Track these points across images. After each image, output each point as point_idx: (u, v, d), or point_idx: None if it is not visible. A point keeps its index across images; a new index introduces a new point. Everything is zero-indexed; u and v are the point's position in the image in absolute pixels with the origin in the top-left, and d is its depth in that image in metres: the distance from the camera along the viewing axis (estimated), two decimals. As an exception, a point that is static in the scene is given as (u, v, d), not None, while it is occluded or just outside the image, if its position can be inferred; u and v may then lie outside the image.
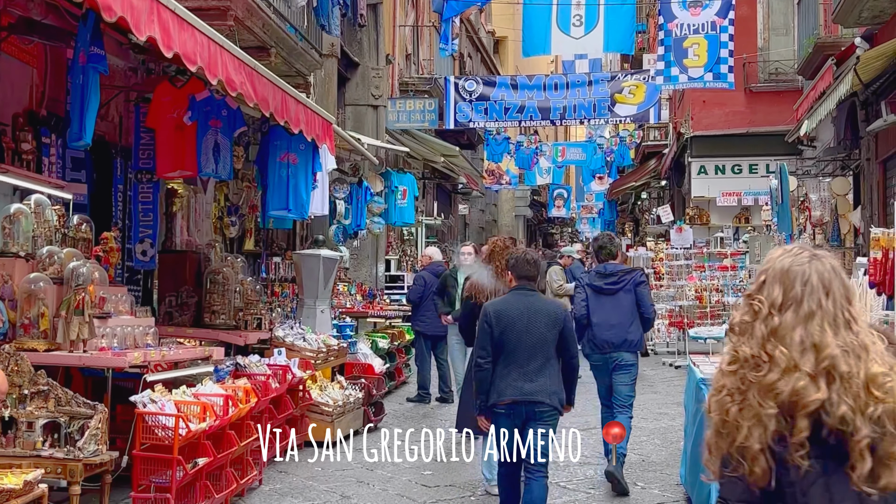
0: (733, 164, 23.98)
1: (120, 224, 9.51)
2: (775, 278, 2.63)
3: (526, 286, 6.59)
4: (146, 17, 6.00)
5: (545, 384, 6.32)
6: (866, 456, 2.41)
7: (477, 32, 34.63)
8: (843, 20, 14.99)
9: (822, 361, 2.48)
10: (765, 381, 2.51)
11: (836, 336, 2.52)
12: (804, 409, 2.45)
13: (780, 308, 2.58)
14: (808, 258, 2.64)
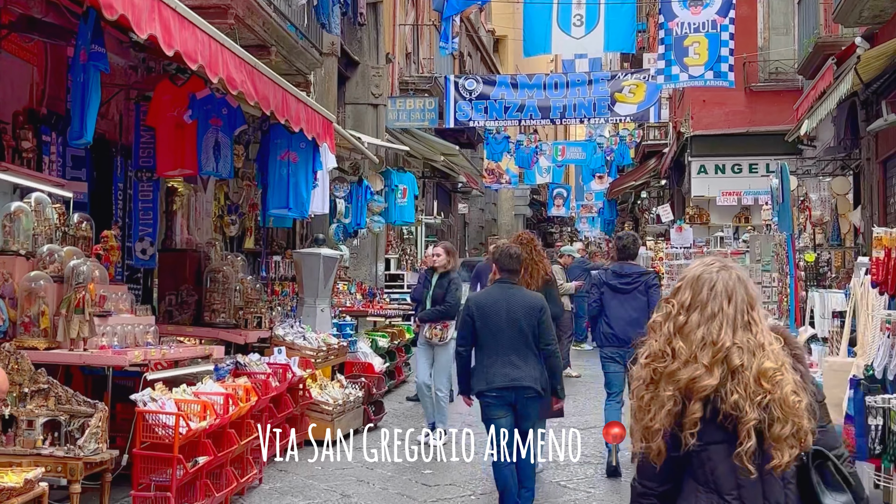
0: (733, 164, 23.94)
1: (120, 222, 9.50)
2: (687, 284, 3.08)
3: (508, 279, 7.10)
4: (147, 15, 6.00)
5: (529, 371, 6.81)
6: (752, 436, 2.84)
7: (477, 31, 34.62)
8: (843, 20, 14.97)
9: (717, 355, 2.92)
10: (668, 371, 2.95)
11: (735, 335, 2.95)
12: (698, 394, 2.89)
13: (687, 309, 3.02)
14: (717, 268, 3.07)
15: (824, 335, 8.63)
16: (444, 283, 10.17)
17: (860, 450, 5.43)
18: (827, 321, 8.47)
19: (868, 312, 5.94)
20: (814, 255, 15.63)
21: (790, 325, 11.06)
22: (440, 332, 10.06)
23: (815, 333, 9.10)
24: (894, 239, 5.16)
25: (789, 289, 11.76)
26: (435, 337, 10.09)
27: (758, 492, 2.92)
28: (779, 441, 2.88)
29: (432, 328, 10.09)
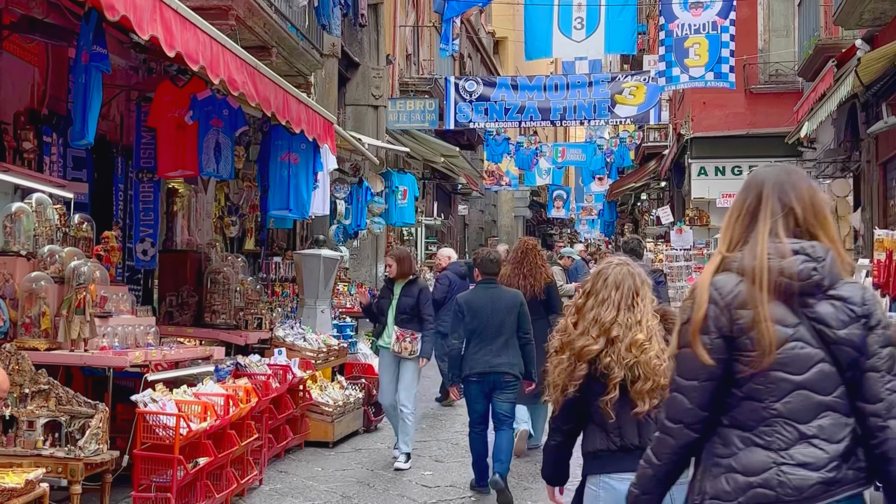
0: (733, 166, 23.93)
1: (121, 223, 9.51)
2: (591, 277, 4.08)
3: (490, 280, 8.29)
4: (149, 16, 6.00)
5: (507, 358, 7.89)
6: (616, 389, 3.84)
7: (477, 33, 34.64)
8: (843, 22, 14.97)
9: (602, 328, 3.89)
10: (567, 341, 3.94)
11: (618, 315, 3.91)
12: (584, 357, 3.89)
13: (587, 295, 4.00)
14: (615, 265, 4.05)
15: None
16: (413, 292, 9.22)
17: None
18: None
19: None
20: (814, 257, 15.62)
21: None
22: (410, 344, 9.12)
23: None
24: (895, 241, 5.17)
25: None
26: (405, 351, 9.12)
27: (634, 430, 3.89)
28: (640, 394, 3.85)
29: (402, 342, 9.11)
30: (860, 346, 2.73)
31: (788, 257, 2.74)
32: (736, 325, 2.74)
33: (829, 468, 2.69)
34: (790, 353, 2.72)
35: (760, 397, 2.74)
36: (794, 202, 2.82)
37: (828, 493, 2.68)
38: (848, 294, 2.75)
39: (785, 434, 2.71)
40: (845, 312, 2.73)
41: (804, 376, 2.72)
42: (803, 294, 2.75)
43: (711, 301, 2.77)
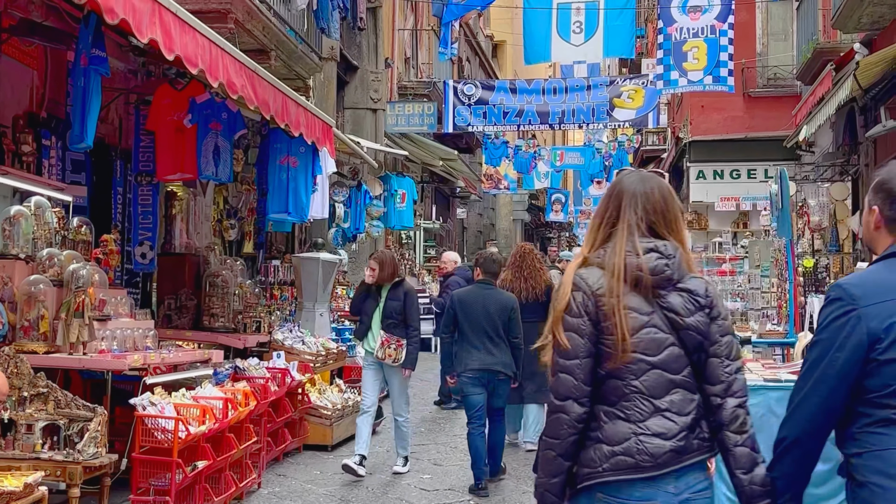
0: (732, 169, 23.97)
1: (119, 226, 9.51)
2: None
3: (488, 280, 8.62)
4: (148, 20, 6.01)
5: (500, 357, 8.28)
6: None
7: (475, 36, 34.65)
8: (842, 25, 14.99)
9: None
10: None
11: None
12: None
13: None
14: None
15: (823, 341, 8.61)
16: (400, 296, 8.91)
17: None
18: None
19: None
20: (812, 261, 15.64)
21: (789, 330, 11.07)
22: (395, 352, 8.77)
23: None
24: (894, 245, 5.16)
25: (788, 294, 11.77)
26: (389, 358, 8.75)
27: None
28: None
29: (387, 348, 8.75)
30: (705, 332, 3.13)
31: (643, 255, 3.12)
32: (600, 311, 3.10)
33: (679, 437, 3.06)
34: (645, 337, 3.09)
35: (622, 376, 3.09)
36: (648, 208, 3.19)
37: (677, 460, 3.06)
38: (694, 287, 3.16)
39: (642, 408, 3.08)
40: (692, 302, 3.14)
41: (658, 357, 3.09)
42: (656, 286, 3.12)
43: (579, 289, 3.13)
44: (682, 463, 3.06)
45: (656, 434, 3.05)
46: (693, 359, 3.14)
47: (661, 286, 3.13)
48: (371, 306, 8.99)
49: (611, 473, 3.04)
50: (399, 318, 8.85)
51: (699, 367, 3.15)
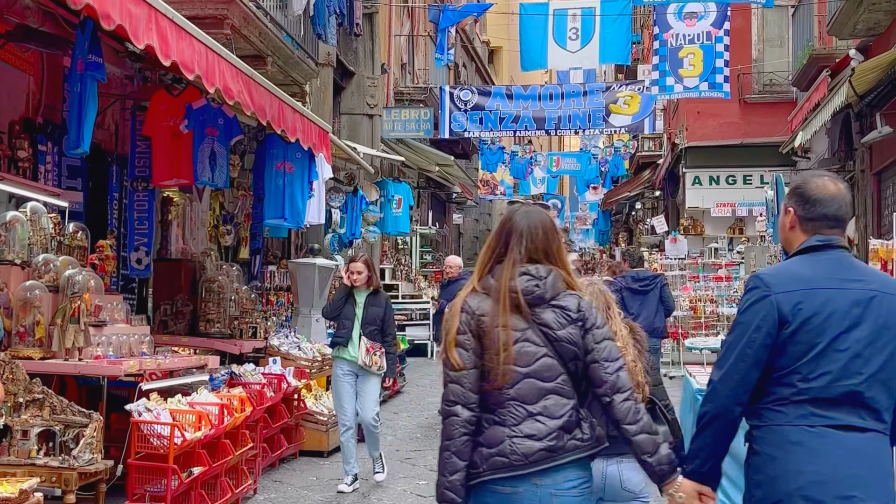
0: (728, 175, 24.01)
1: (115, 232, 9.50)
2: None
3: None
4: (144, 26, 6.01)
5: None
6: None
7: (472, 42, 34.69)
8: (837, 32, 15.03)
9: None
10: None
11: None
12: None
13: None
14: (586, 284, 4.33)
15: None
16: (381, 302, 8.68)
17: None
18: None
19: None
20: (808, 267, 15.64)
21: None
22: (380, 359, 8.57)
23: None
24: (890, 251, 5.18)
25: (784, 300, 11.79)
26: (375, 365, 8.54)
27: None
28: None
29: (372, 355, 8.50)
30: (577, 343, 3.52)
31: (517, 278, 3.56)
32: (481, 329, 3.51)
33: (550, 438, 3.44)
34: (519, 350, 3.49)
35: (505, 391, 3.48)
36: (531, 247, 3.64)
37: (550, 458, 3.44)
38: (566, 303, 3.56)
39: (516, 413, 3.47)
40: (563, 317, 3.54)
41: (530, 368, 3.48)
42: (531, 305, 3.53)
43: (465, 312, 3.57)
44: (556, 461, 3.44)
45: (527, 436, 3.44)
46: (570, 367, 3.53)
47: (534, 304, 3.55)
48: (351, 311, 8.63)
49: (489, 473, 3.44)
50: (379, 326, 8.59)
51: (581, 374, 3.54)
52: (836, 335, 3.25)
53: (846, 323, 3.26)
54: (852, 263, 3.42)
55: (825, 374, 3.23)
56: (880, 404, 3.26)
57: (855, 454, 3.20)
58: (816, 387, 3.24)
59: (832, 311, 3.27)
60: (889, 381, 3.28)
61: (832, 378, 3.23)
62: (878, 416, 3.26)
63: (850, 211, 3.48)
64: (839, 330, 3.26)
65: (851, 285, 3.32)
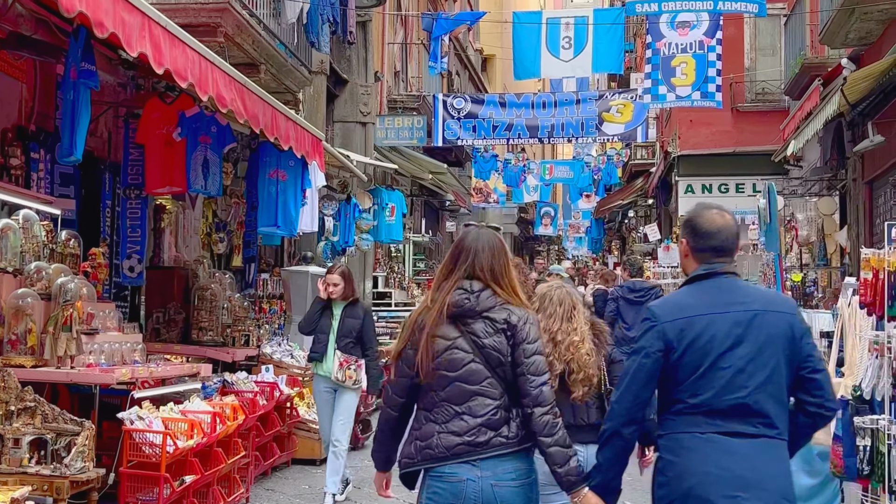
0: (720, 184, 24.04)
1: (108, 240, 9.48)
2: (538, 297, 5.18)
3: None
4: (138, 34, 6.01)
5: None
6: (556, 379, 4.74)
7: (465, 50, 34.74)
8: (829, 41, 15.07)
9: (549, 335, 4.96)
10: None
11: (561, 325, 5.05)
12: None
13: (538, 311, 4.97)
14: (556, 287, 5.29)
15: (812, 355, 8.65)
16: (359, 314, 8.41)
17: (849, 470, 5.44)
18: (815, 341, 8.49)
19: (856, 333, 5.96)
20: (800, 275, 15.69)
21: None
22: (355, 373, 8.28)
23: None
24: (882, 260, 5.19)
25: (776, 308, 11.80)
26: (349, 379, 8.25)
27: (570, 412, 4.84)
28: (575, 383, 4.93)
29: (346, 369, 8.21)
30: (503, 351, 3.95)
31: (454, 292, 4.02)
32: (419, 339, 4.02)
33: (470, 434, 3.91)
34: (448, 357, 3.96)
35: (433, 388, 3.98)
36: (475, 261, 4.08)
37: (472, 452, 3.90)
38: (495, 315, 3.99)
39: (446, 412, 3.96)
40: (491, 327, 3.98)
41: (458, 372, 3.95)
42: (463, 316, 4.00)
43: (411, 326, 4.09)
44: (479, 455, 3.90)
45: (451, 432, 3.93)
46: (498, 372, 3.97)
47: (466, 315, 4.00)
48: (327, 324, 8.38)
49: (421, 462, 3.99)
50: (356, 339, 8.32)
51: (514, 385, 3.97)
52: (719, 354, 3.65)
53: (728, 343, 3.66)
54: (736, 287, 3.82)
55: (711, 389, 3.64)
56: (770, 412, 3.63)
57: (743, 458, 3.59)
58: (706, 401, 3.65)
59: (714, 333, 3.67)
60: (777, 391, 3.66)
61: (719, 392, 3.63)
62: (768, 424, 3.63)
63: (736, 241, 3.95)
64: (721, 350, 3.65)
65: (732, 308, 3.71)
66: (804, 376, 3.73)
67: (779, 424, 3.66)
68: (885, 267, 5.14)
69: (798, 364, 3.72)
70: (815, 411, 3.75)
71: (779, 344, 3.69)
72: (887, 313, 5.23)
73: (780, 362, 3.68)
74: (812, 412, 3.75)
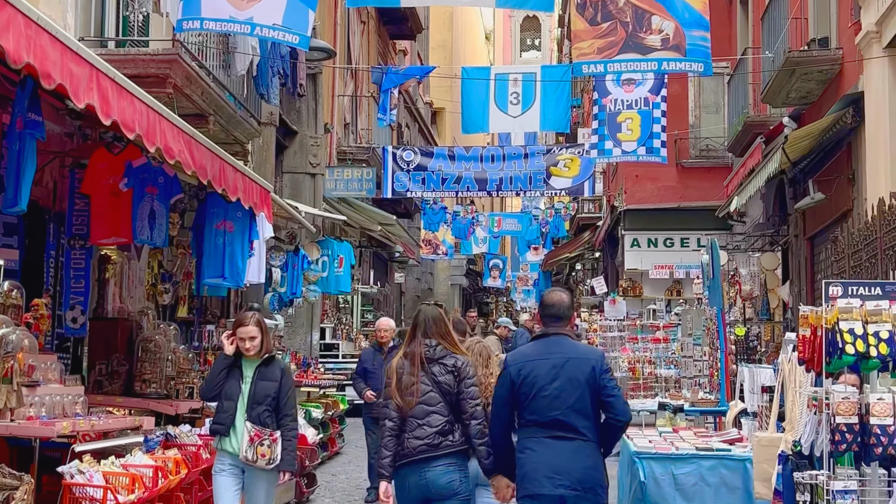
0: (665, 238, 24.36)
1: (51, 290, 9.36)
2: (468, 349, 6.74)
3: None
4: (85, 85, 6.00)
5: None
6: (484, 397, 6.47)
7: (415, 103, 34.98)
8: (771, 100, 15.43)
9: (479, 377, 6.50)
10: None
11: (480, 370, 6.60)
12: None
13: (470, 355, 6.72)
14: (476, 342, 7.09)
15: (754, 410, 8.76)
16: (275, 375, 6.90)
17: (789, 525, 5.50)
18: (756, 396, 8.61)
19: (796, 389, 6.05)
20: (744, 329, 15.88)
21: (721, 398, 11.19)
22: (269, 450, 6.74)
23: (744, 408, 9.23)
24: (820, 317, 5.30)
25: (720, 363, 11.93)
26: (262, 459, 6.72)
27: None
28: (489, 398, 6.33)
29: (257, 446, 6.67)
30: (452, 385, 6.17)
31: (420, 345, 6.28)
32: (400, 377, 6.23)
33: (427, 438, 6.06)
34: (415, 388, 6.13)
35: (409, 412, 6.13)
36: (430, 330, 6.35)
37: (428, 452, 6.05)
38: (448, 362, 6.24)
39: (411, 424, 6.10)
40: (444, 369, 6.21)
41: (422, 398, 6.12)
42: (428, 362, 6.22)
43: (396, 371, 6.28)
44: (433, 454, 6.05)
45: (416, 437, 6.08)
46: (448, 399, 6.15)
47: (428, 361, 6.22)
48: (235, 389, 6.86)
49: (401, 459, 6.09)
50: (272, 406, 6.82)
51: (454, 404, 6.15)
52: (541, 387, 5.74)
53: (548, 378, 5.75)
54: (560, 342, 5.90)
55: (538, 409, 5.74)
56: (577, 425, 5.68)
57: (558, 453, 5.66)
58: (535, 417, 5.76)
59: (539, 372, 5.78)
60: (582, 409, 5.70)
61: (543, 411, 5.72)
62: (577, 432, 5.68)
63: (568, 312, 6.08)
64: (543, 383, 5.74)
65: (552, 356, 5.81)
66: (603, 400, 5.73)
67: (585, 433, 5.70)
68: (822, 324, 5.24)
69: (599, 392, 5.71)
70: (612, 423, 5.76)
71: (583, 379, 5.72)
72: (825, 370, 5.32)
73: (584, 392, 5.70)
74: (611, 423, 5.76)
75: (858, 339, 5.12)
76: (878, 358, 5.15)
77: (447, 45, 46.71)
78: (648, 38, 11.55)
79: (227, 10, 10.35)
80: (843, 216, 13.31)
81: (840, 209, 13.49)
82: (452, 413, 6.07)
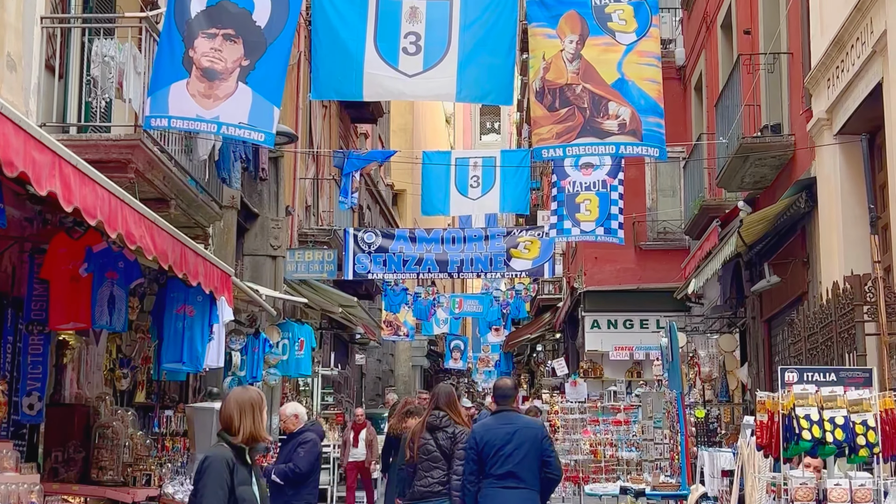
0: (625, 319, 24.48)
1: (8, 377, 9.25)
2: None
3: None
4: (48, 172, 6.01)
5: None
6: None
7: (376, 185, 35.19)
8: (726, 184, 15.71)
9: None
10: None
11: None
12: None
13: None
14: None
15: (714, 494, 8.78)
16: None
17: None
18: (716, 480, 8.64)
19: (755, 474, 6.10)
20: (703, 411, 15.94)
21: (682, 482, 11.20)
22: None
23: (705, 492, 9.25)
24: (776, 403, 5.37)
25: (680, 446, 11.96)
26: None
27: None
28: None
29: None
30: (449, 447, 8.71)
31: (430, 416, 8.95)
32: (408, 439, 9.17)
33: (429, 486, 8.67)
34: (424, 446, 8.82)
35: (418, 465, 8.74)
36: (441, 402, 9.01)
37: (426, 497, 8.67)
38: (449, 430, 8.82)
39: (420, 475, 8.72)
40: (445, 435, 8.81)
41: (428, 455, 8.74)
42: (433, 428, 8.86)
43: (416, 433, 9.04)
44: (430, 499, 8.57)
45: (420, 484, 8.63)
46: (446, 455, 8.56)
47: (434, 428, 8.80)
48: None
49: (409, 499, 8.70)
50: None
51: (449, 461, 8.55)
52: (497, 448, 8.21)
53: (502, 443, 8.22)
54: (511, 416, 8.58)
55: (495, 466, 8.17)
56: (525, 477, 8.18)
57: (510, 498, 8.14)
58: (493, 472, 8.19)
59: (496, 438, 8.27)
60: (529, 466, 8.19)
61: (498, 467, 8.16)
62: (524, 482, 8.18)
63: (513, 392, 9.01)
64: (499, 446, 8.22)
65: (506, 426, 8.35)
66: (543, 460, 8.25)
67: (530, 484, 8.20)
68: (779, 410, 5.31)
69: (540, 454, 8.23)
70: (549, 476, 8.30)
71: (529, 444, 8.23)
72: (783, 455, 5.38)
73: (529, 453, 8.20)
74: (549, 477, 8.29)
75: (815, 424, 5.20)
76: (835, 443, 5.22)
77: (408, 128, 47.18)
78: (606, 122, 11.76)
79: (194, 108, 10.41)
80: (798, 299, 13.48)
81: (796, 292, 13.67)
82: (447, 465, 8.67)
